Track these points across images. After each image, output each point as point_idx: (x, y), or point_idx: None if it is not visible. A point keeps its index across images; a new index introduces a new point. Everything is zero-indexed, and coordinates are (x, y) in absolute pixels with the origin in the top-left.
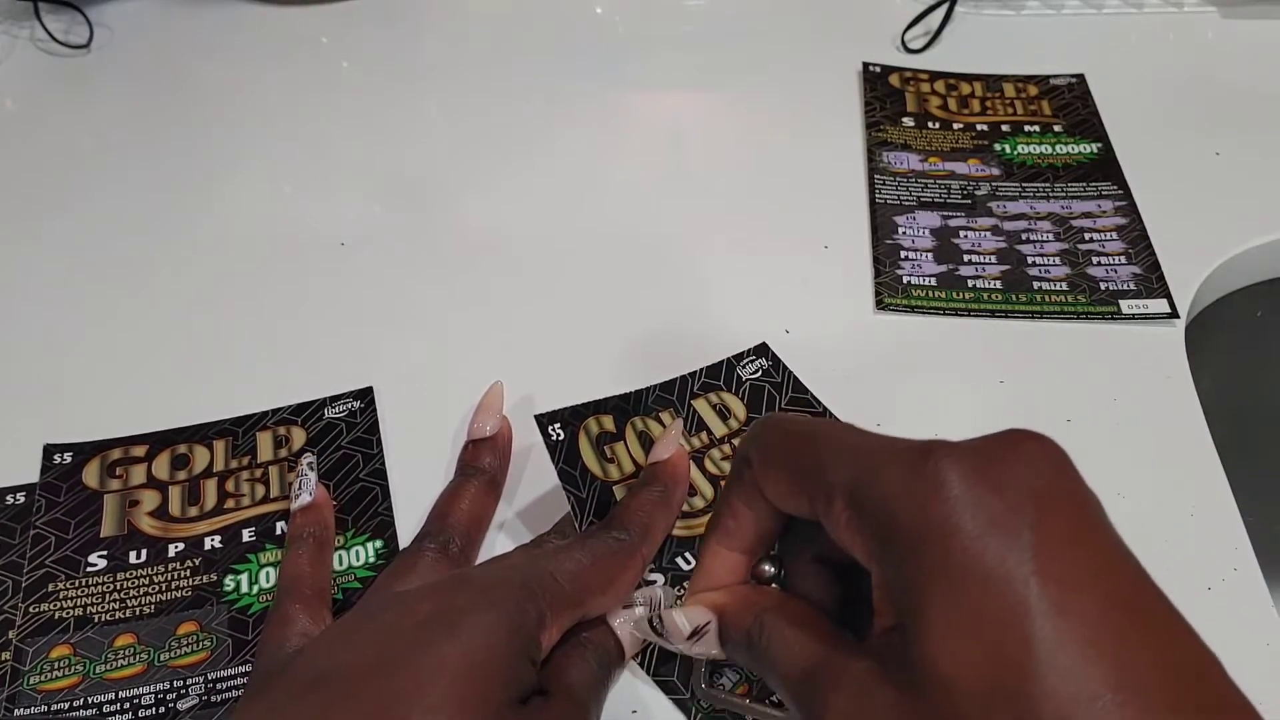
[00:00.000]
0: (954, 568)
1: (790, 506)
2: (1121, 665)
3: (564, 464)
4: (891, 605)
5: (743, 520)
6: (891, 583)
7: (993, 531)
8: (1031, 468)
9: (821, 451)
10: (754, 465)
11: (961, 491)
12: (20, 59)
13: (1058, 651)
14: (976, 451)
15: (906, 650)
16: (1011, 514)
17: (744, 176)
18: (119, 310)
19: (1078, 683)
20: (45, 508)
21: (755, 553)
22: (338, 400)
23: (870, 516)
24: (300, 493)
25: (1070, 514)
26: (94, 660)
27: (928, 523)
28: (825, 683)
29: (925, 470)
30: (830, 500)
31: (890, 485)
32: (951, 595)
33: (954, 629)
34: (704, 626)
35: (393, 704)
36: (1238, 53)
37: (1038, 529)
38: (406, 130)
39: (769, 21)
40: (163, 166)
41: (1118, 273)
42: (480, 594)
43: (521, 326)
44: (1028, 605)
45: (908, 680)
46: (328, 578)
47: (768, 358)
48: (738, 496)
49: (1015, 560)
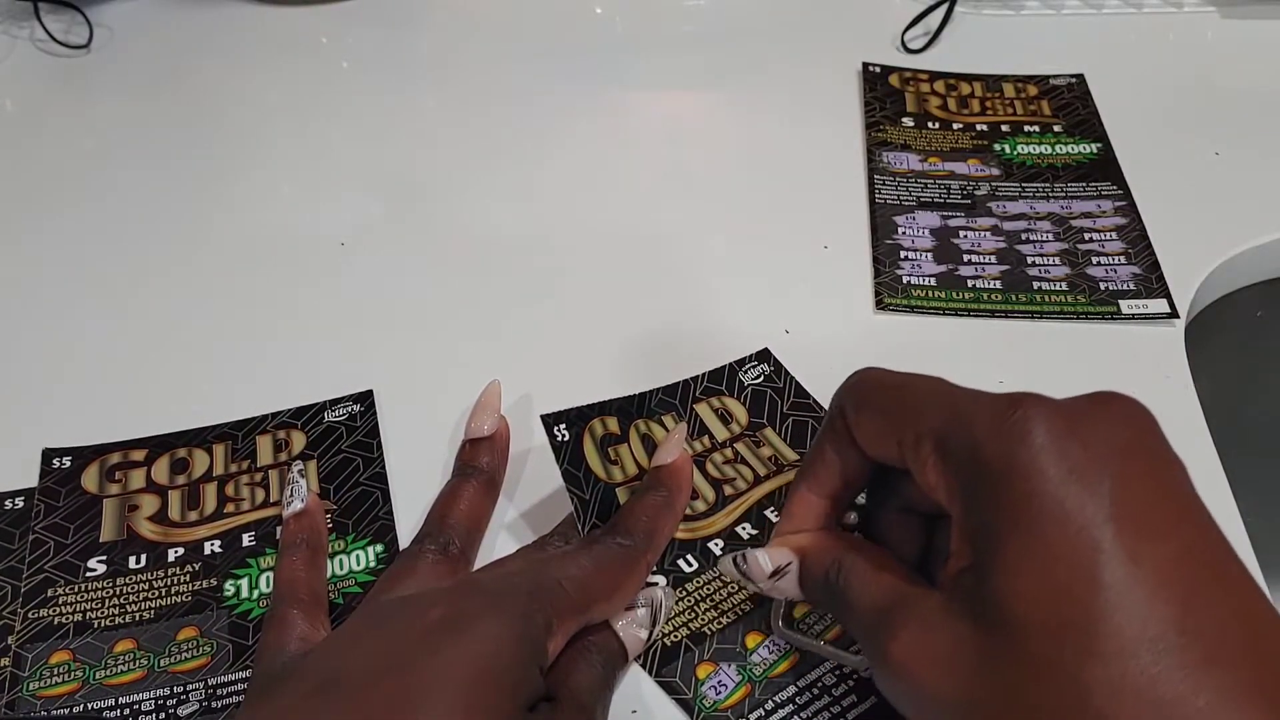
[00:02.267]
0: (1034, 509)
1: (880, 451)
2: (1188, 612)
3: (568, 465)
4: (969, 545)
5: (831, 467)
6: (971, 523)
7: (1074, 478)
8: (1118, 424)
9: (913, 398)
10: (847, 412)
11: (1047, 440)
12: (20, 59)
13: (1126, 594)
14: (1065, 405)
15: (980, 586)
16: (1094, 464)
17: (743, 176)
18: (117, 312)
19: (1144, 624)
20: (44, 512)
21: (840, 500)
22: (337, 404)
23: (957, 459)
24: (292, 499)
25: (1152, 469)
26: (94, 666)
27: (1012, 466)
28: (897, 617)
29: (1013, 417)
30: (919, 444)
31: (978, 430)
32: (1029, 535)
33: (1029, 567)
34: (785, 567)
35: (400, 709)
36: (1238, 53)
37: (1118, 480)
38: (406, 130)
39: (769, 21)
40: (162, 167)
41: (1117, 273)
42: (488, 600)
43: (521, 327)
44: (1101, 549)
45: (979, 614)
46: (324, 583)
47: (769, 363)
48: (829, 443)
49: (1094, 507)
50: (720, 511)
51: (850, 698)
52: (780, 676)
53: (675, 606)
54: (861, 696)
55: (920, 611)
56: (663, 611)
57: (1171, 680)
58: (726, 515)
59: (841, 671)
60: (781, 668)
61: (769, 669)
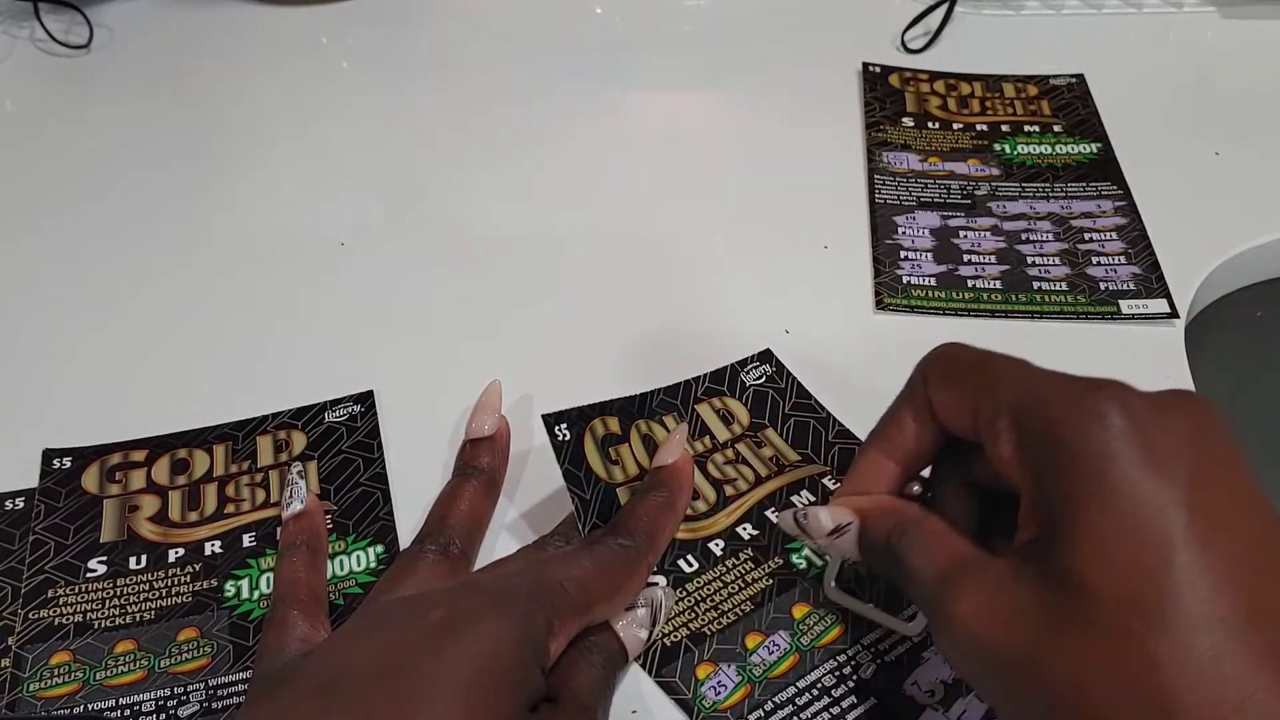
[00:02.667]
0: (1110, 489)
1: (956, 422)
2: (1255, 599)
3: (569, 464)
4: (1040, 518)
5: (906, 432)
6: (1044, 498)
7: (1151, 464)
8: (1194, 419)
9: (994, 374)
10: (929, 381)
11: (1125, 424)
12: (20, 59)
13: (1197, 577)
14: (1143, 395)
15: (1051, 556)
16: (1172, 452)
17: (743, 176)
18: (118, 312)
19: (1212, 607)
20: (44, 513)
21: (908, 467)
22: (338, 404)
23: (1033, 435)
24: (291, 500)
25: (1225, 464)
26: (94, 667)
27: (1090, 445)
28: (962, 580)
29: (1094, 400)
30: (996, 417)
31: (1058, 409)
32: (1105, 512)
33: (1102, 541)
34: (845, 526)
35: (402, 710)
36: (1238, 53)
37: (1194, 470)
38: (406, 130)
39: (769, 21)
40: (162, 167)
41: (1117, 273)
42: (490, 601)
43: (521, 327)
44: (1176, 533)
45: (1048, 580)
46: (324, 584)
47: (772, 364)
48: (906, 409)
49: (1169, 493)
50: (721, 512)
51: (850, 699)
52: (780, 677)
53: (675, 607)
54: (861, 697)
55: (988, 574)
56: (662, 611)
57: (1235, 660)
58: (728, 515)
59: (842, 673)
60: (782, 668)
61: (769, 669)
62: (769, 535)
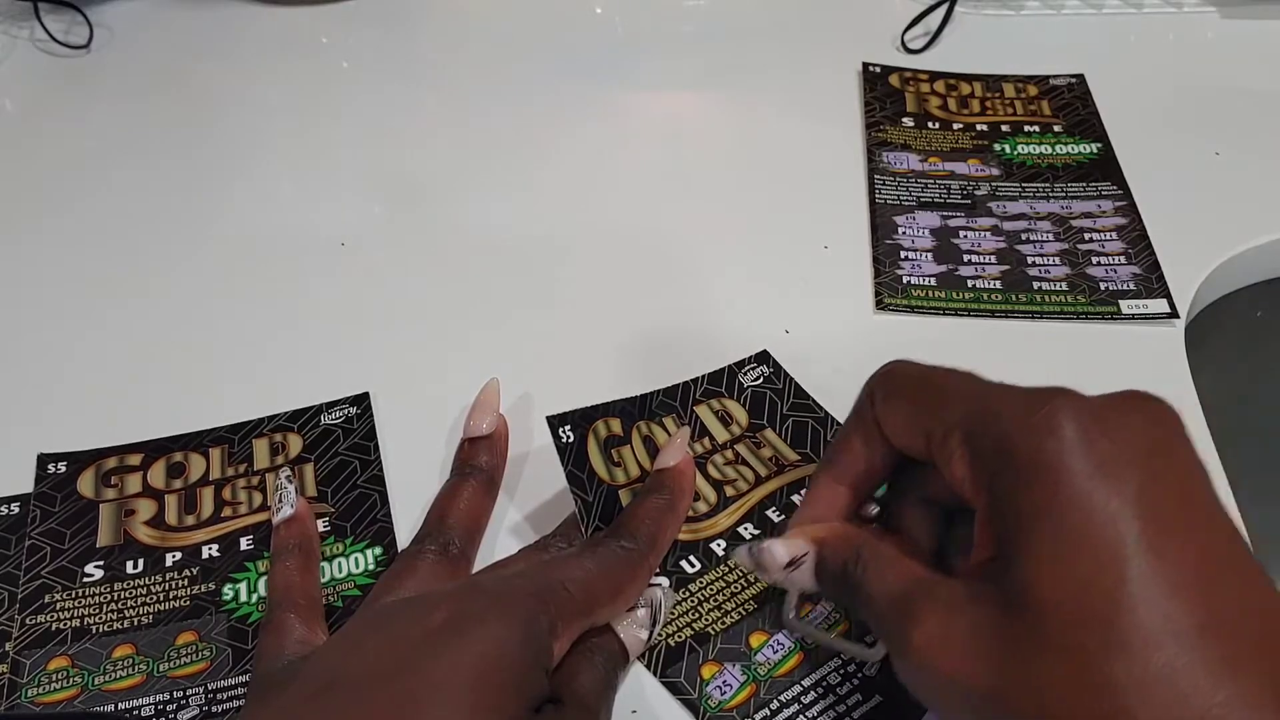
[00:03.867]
0: (1061, 501)
1: (907, 442)
2: (1210, 607)
3: (573, 466)
4: (994, 536)
5: (856, 456)
6: (998, 514)
7: (1102, 473)
8: (1147, 423)
9: (943, 391)
10: (876, 403)
11: (1075, 433)
12: (20, 59)
13: (1151, 587)
14: (1095, 402)
15: (1005, 575)
16: (1122, 460)
17: (743, 176)
18: (113, 315)
19: (1166, 617)
20: (40, 518)
21: (862, 491)
22: (334, 406)
23: (984, 451)
24: (281, 505)
25: (1178, 469)
26: (93, 672)
27: (1040, 459)
28: (919, 605)
29: (1043, 411)
30: (947, 435)
31: (1008, 422)
32: (1056, 526)
33: (1054, 557)
34: (801, 558)
35: (406, 711)
36: (1238, 53)
37: (1145, 478)
38: (406, 130)
39: (769, 21)
40: (162, 168)
41: (1117, 273)
42: (493, 603)
43: (520, 327)
44: (1127, 543)
45: (1003, 601)
46: (318, 587)
47: (769, 365)
48: (855, 433)
49: (1120, 502)
50: (722, 512)
51: (855, 696)
52: (785, 676)
53: (679, 607)
54: (866, 696)
55: (943, 599)
56: (662, 611)
57: (1192, 674)
58: (728, 516)
59: (847, 670)
60: (786, 667)
61: (774, 668)
62: (770, 536)
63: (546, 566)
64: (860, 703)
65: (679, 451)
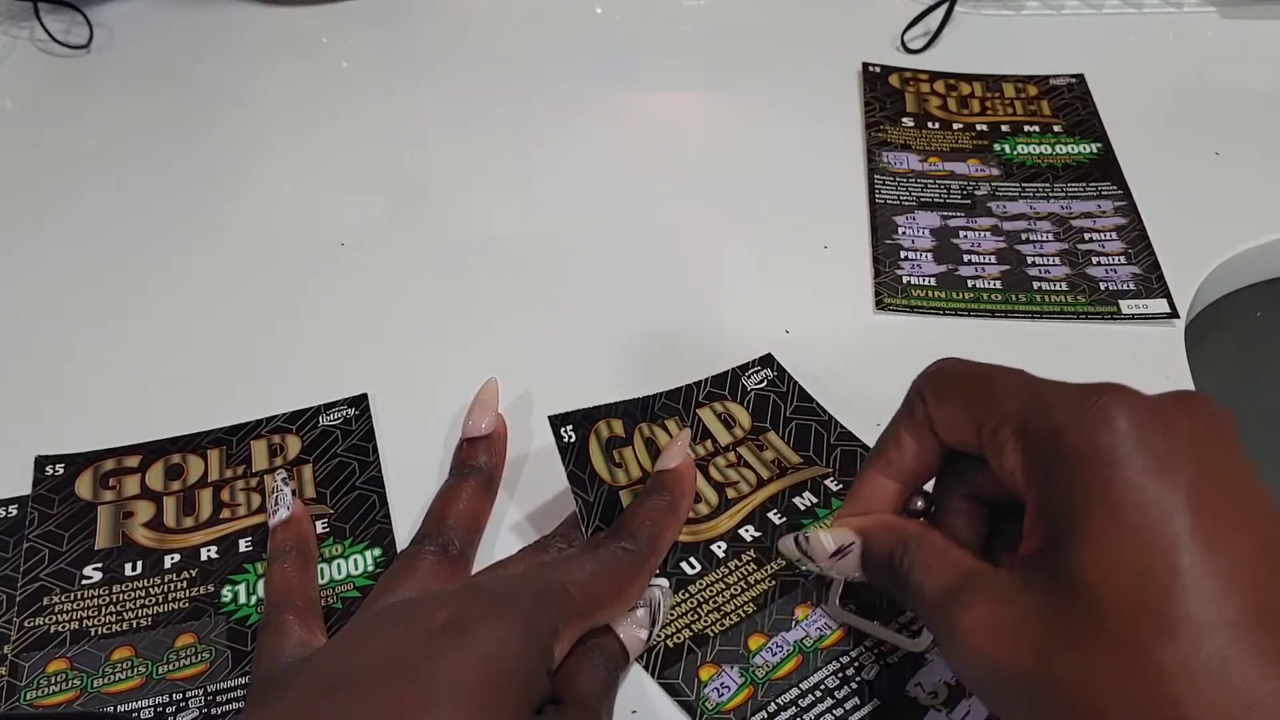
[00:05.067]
0: (1115, 494)
1: (958, 438)
2: (1261, 601)
3: (574, 467)
4: (1045, 527)
5: (906, 451)
6: (1049, 505)
7: (1156, 467)
8: (1200, 421)
9: (995, 386)
10: (927, 398)
11: (1129, 428)
12: (20, 59)
13: (1203, 581)
14: (1148, 399)
15: (1056, 565)
16: (1176, 455)
17: (743, 176)
18: (112, 316)
19: (1218, 610)
20: (38, 520)
21: (909, 485)
22: (333, 407)
23: (1037, 444)
24: (277, 508)
25: (1230, 466)
26: (91, 674)
27: (1093, 451)
28: (967, 594)
29: (1097, 405)
30: (999, 429)
31: (1061, 415)
32: (1108, 518)
33: (1107, 547)
34: (848, 547)
35: (408, 712)
36: (1238, 53)
37: (1198, 473)
38: (406, 130)
39: (769, 21)
40: (162, 168)
41: (1117, 273)
42: (495, 603)
43: (520, 328)
44: (1180, 535)
45: (1054, 590)
46: (316, 588)
47: (773, 368)
48: (905, 428)
49: (1175, 496)
50: (723, 514)
51: (853, 700)
52: (783, 679)
53: (678, 609)
54: (864, 699)
55: (992, 588)
56: (661, 611)
57: (1242, 665)
58: (730, 518)
59: (844, 674)
60: (784, 670)
61: (772, 671)
62: (771, 537)
63: (548, 567)
64: (858, 706)
65: (680, 453)
